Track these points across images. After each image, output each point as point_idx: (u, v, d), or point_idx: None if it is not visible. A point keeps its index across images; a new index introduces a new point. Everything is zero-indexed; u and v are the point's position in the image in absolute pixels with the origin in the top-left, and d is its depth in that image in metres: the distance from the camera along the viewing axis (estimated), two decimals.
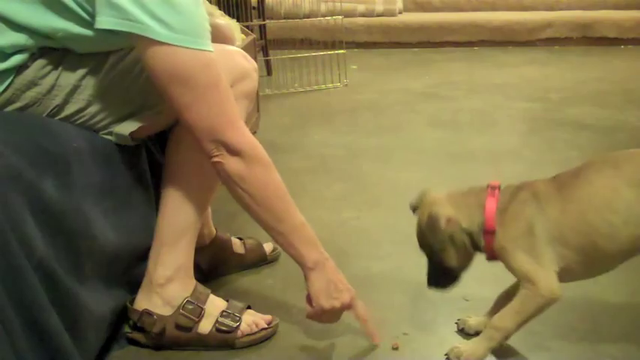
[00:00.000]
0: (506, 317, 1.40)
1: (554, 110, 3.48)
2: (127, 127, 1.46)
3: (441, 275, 1.47)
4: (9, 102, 1.39)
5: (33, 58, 1.38)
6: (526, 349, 1.50)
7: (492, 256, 1.44)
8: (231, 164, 1.37)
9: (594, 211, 1.34)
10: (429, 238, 1.43)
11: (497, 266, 1.44)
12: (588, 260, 1.38)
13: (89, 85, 1.42)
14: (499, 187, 1.44)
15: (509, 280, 1.46)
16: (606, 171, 1.37)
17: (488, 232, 1.41)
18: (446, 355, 1.46)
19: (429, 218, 1.43)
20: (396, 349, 1.51)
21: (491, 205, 1.41)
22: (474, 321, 1.55)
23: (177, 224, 1.52)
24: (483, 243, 1.42)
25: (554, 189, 1.40)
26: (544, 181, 1.44)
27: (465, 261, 1.46)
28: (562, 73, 4.40)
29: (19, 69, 1.38)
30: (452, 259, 1.44)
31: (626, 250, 1.37)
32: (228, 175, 1.38)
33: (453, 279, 1.48)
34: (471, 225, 1.42)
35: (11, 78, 1.37)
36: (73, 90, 1.42)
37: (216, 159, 1.37)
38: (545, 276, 1.36)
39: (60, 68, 1.41)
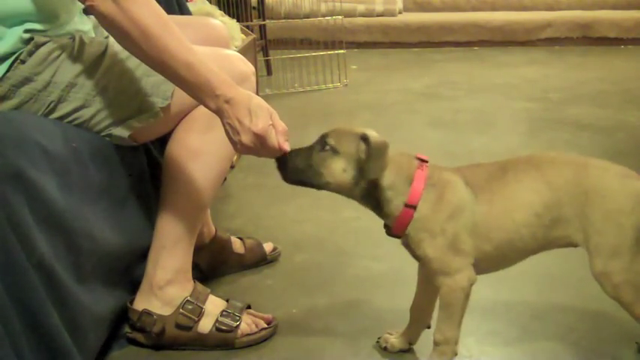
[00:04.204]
0: (444, 327, 1.38)
1: (554, 110, 3.48)
2: (125, 130, 1.46)
3: (306, 167, 1.33)
4: (4, 98, 1.39)
5: (29, 53, 1.38)
6: (525, 350, 1.50)
7: (398, 232, 1.37)
8: (101, 5, 1.29)
9: (521, 211, 1.34)
10: (360, 150, 1.32)
11: None
12: (499, 256, 1.37)
13: (86, 83, 1.42)
14: (427, 163, 1.38)
15: (508, 279, 1.45)
16: (531, 172, 1.36)
17: (409, 206, 1.34)
18: None
19: (383, 144, 1.34)
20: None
21: (419, 179, 1.35)
22: (395, 339, 1.51)
23: (177, 227, 1.52)
24: (396, 214, 1.35)
25: (483, 180, 1.37)
26: (468, 168, 1.40)
27: (337, 186, 1.36)
28: (562, 73, 4.39)
29: (16, 63, 1.37)
30: (341, 173, 1.33)
31: (535, 249, 1.38)
32: (103, 16, 1.30)
33: (306, 178, 1.34)
34: (392, 184, 1.35)
35: (7, 65, 1.37)
36: (68, 87, 1.41)
37: (88, 2, 1.30)
38: (461, 266, 1.34)
39: (56, 65, 1.40)
